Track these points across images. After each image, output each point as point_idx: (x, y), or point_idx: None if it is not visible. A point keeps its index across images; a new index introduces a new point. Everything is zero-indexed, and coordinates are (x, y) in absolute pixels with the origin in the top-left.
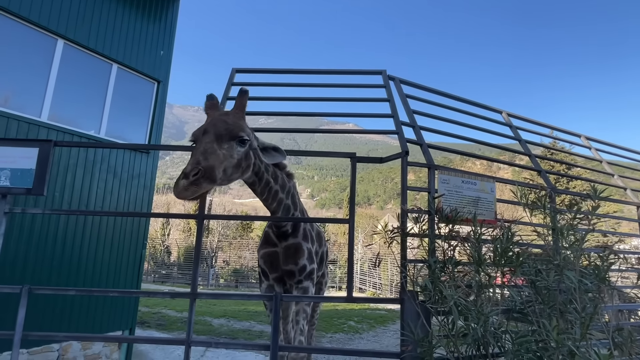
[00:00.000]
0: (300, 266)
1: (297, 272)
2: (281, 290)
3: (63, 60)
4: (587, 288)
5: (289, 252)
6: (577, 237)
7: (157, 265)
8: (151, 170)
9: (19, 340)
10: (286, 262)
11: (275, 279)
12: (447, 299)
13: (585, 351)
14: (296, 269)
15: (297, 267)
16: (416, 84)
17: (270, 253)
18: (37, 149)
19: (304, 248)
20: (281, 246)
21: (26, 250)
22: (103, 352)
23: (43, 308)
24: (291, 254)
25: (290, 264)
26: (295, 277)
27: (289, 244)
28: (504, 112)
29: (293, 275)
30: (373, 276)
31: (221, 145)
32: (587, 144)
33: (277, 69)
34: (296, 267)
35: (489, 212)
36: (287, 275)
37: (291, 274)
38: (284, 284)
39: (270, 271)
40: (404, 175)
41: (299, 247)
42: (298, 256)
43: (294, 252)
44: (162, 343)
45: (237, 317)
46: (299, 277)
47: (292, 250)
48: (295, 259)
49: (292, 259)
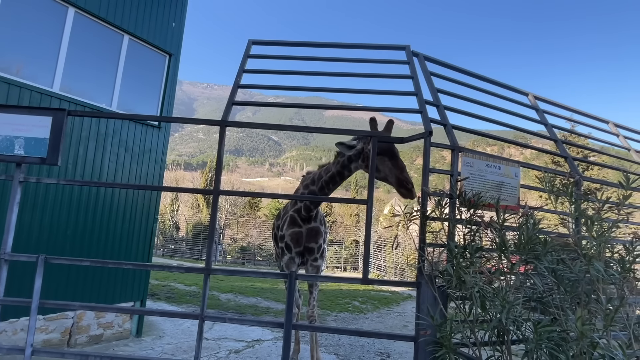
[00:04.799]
0: (318, 245)
1: (315, 249)
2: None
3: (74, 30)
4: (613, 279)
5: (311, 233)
6: (604, 227)
7: (166, 240)
8: (162, 145)
9: (36, 307)
10: (309, 241)
11: (297, 253)
12: (467, 284)
13: (606, 342)
14: (315, 247)
15: (317, 246)
16: (441, 62)
17: (297, 232)
18: (50, 118)
19: (322, 231)
20: (305, 227)
21: (41, 219)
22: (115, 321)
23: (57, 276)
24: (313, 235)
25: (312, 242)
26: (313, 254)
27: (311, 226)
28: (530, 94)
29: (312, 252)
30: (378, 259)
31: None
32: (615, 131)
33: (295, 41)
34: (316, 245)
35: (512, 198)
36: (307, 251)
37: (311, 251)
38: (303, 257)
39: (295, 246)
40: (426, 156)
41: (318, 231)
42: (318, 237)
43: (315, 234)
44: (176, 316)
45: (244, 292)
46: (316, 254)
47: (313, 232)
48: (316, 239)
49: (314, 239)
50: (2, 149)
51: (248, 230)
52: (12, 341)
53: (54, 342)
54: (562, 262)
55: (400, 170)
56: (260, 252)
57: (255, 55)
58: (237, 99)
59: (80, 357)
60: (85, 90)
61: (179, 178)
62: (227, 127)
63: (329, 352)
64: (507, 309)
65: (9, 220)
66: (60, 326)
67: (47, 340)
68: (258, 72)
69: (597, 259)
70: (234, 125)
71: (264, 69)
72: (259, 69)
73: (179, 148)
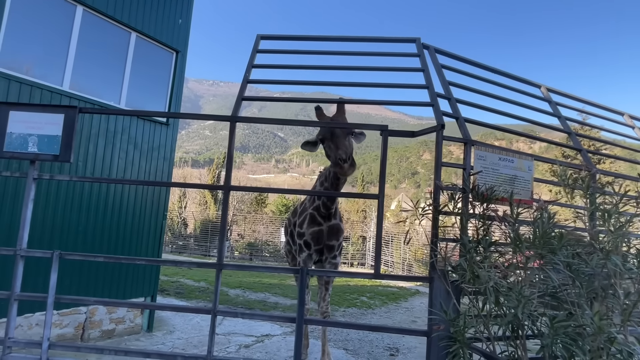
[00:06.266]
0: (339, 243)
1: (336, 247)
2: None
3: (83, 28)
4: (630, 273)
5: (332, 230)
6: (621, 221)
7: (175, 236)
8: (171, 142)
9: (52, 302)
10: (329, 239)
11: (316, 250)
12: (481, 279)
13: (623, 338)
14: (336, 244)
15: (337, 243)
16: (452, 54)
17: (318, 231)
18: (62, 115)
19: (342, 229)
20: (326, 225)
21: (53, 216)
22: (127, 317)
23: (70, 272)
24: (334, 233)
25: (333, 240)
26: (333, 251)
27: (332, 224)
28: (543, 86)
29: (333, 249)
30: (385, 254)
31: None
32: (630, 123)
33: (303, 35)
34: (337, 242)
35: (525, 192)
36: (327, 248)
37: (331, 248)
38: (321, 254)
39: (314, 244)
40: (439, 150)
41: (339, 228)
42: (339, 235)
43: (336, 231)
44: (188, 312)
45: (252, 288)
46: (335, 252)
47: (334, 230)
48: (338, 236)
49: (335, 236)
50: (17, 147)
51: (255, 227)
52: (27, 336)
53: (67, 336)
54: (578, 256)
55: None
56: (268, 248)
57: (264, 50)
58: (246, 95)
59: (95, 351)
60: (94, 88)
61: (186, 175)
62: (237, 122)
63: (337, 347)
64: (523, 304)
65: (24, 217)
66: (74, 321)
67: (61, 335)
68: (267, 67)
69: (614, 253)
70: (243, 121)
71: (273, 64)
72: (267, 64)
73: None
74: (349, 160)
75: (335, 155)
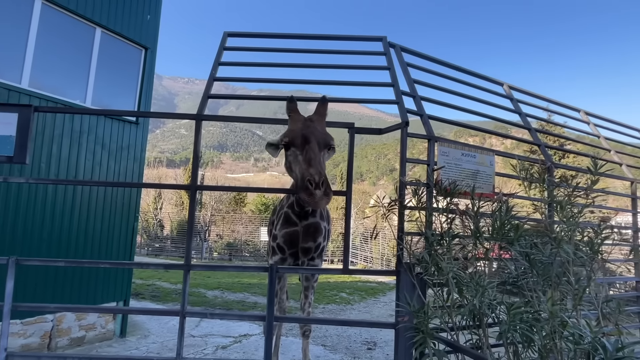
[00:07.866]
0: (317, 244)
1: (313, 249)
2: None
3: (42, 23)
4: (582, 261)
5: (309, 230)
6: (573, 211)
7: (151, 238)
8: (141, 142)
9: (9, 311)
10: (305, 240)
11: (290, 254)
12: (444, 271)
13: (575, 321)
14: (313, 246)
15: (315, 244)
16: (417, 52)
17: (292, 232)
18: (16, 115)
19: (322, 227)
20: (301, 225)
21: (14, 221)
22: (98, 323)
23: (34, 279)
24: (311, 233)
25: (310, 242)
26: (310, 254)
27: (309, 222)
28: (505, 84)
29: (309, 251)
30: (365, 250)
31: (322, 152)
32: (585, 119)
33: (271, 33)
34: (314, 244)
35: (487, 186)
36: (303, 252)
37: (308, 251)
38: (297, 259)
39: (288, 248)
40: (403, 146)
41: (318, 226)
42: (317, 235)
43: (313, 231)
44: (156, 314)
45: (231, 289)
46: (314, 254)
47: (312, 229)
48: (315, 236)
49: (312, 237)
50: None
51: (234, 227)
52: None
53: (33, 346)
54: (535, 246)
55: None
56: (247, 247)
57: (231, 48)
58: (219, 93)
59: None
60: (58, 87)
61: (161, 175)
62: (204, 121)
63: (316, 344)
64: (481, 293)
65: None
66: (39, 330)
67: (25, 345)
68: (233, 64)
69: (566, 242)
70: (210, 119)
71: (240, 62)
72: (236, 61)
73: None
74: (323, 186)
75: (302, 174)
